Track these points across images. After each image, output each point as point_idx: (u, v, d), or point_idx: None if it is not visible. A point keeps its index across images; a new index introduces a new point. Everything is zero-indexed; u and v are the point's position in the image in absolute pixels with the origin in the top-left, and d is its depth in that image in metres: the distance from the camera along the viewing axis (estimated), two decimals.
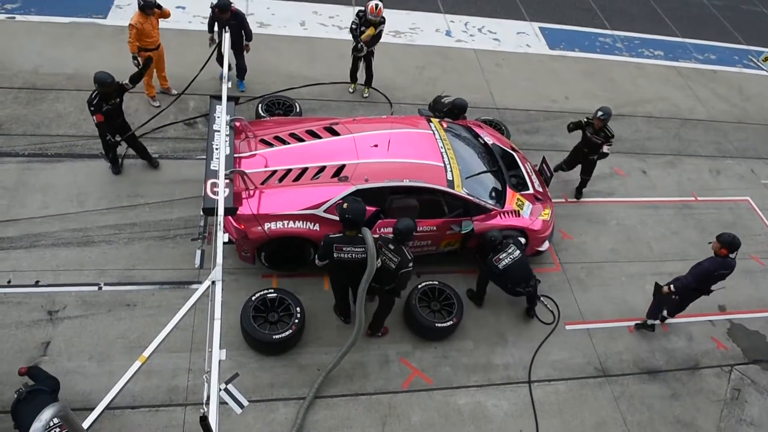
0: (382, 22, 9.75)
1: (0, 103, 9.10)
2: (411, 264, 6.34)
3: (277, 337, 6.64)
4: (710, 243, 7.26)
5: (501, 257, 7.23)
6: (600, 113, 8.62)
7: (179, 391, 6.44)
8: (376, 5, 9.50)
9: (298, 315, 6.79)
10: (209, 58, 8.77)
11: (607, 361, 7.71)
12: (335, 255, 6.30)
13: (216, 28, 9.20)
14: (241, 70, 10.06)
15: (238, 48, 9.59)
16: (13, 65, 9.77)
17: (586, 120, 8.94)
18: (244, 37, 9.54)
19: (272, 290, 6.96)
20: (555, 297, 8.20)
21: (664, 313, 7.96)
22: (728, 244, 6.94)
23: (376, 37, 9.87)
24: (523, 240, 7.86)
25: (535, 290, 7.60)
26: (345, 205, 6.20)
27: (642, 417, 7.23)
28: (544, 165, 8.87)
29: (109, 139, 7.79)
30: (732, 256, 7.02)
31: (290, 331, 6.68)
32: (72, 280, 7.18)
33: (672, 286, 7.36)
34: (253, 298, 6.81)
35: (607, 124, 8.73)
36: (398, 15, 13.08)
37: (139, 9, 8.51)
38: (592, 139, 8.91)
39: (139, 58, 8.86)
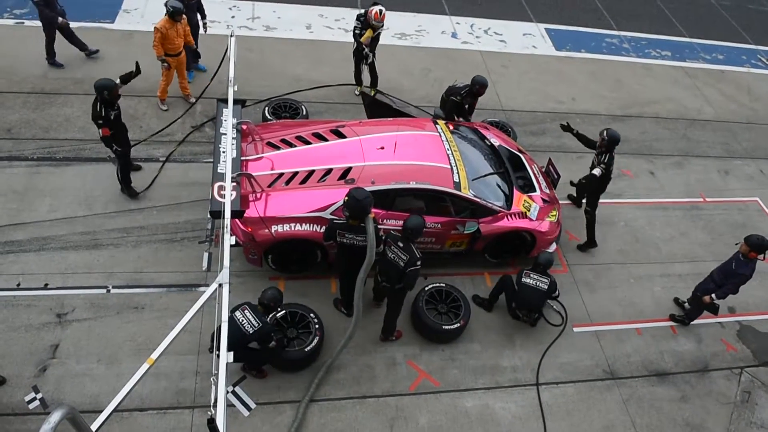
0: (382, 26, 9.75)
1: (9, 107, 9.19)
2: (419, 263, 6.34)
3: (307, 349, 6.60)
4: (737, 244, 7.35)
5: (531, 275, 7.23)
6: (604, 133, 8.08)
7: (187, 393, 6.46)
8: (380, 11, 9.49)
9: (317, 325, 6.75)
10: (220, 64, 8.82)
11: (615, 363, 7.67)
12: (337, 239, 6.46)
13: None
14: (195, 53, 10.13)
15: (195, 31, 9.74)
16: (22, 70, 9.85)
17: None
18: (200, 18, 9.81)
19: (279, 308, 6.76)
20: (563, 299, 8.13)
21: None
22: (757, 246, 7.06)
23: (376, 40, 9.87)
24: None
25: (533, 323, 7.61)
26: (351, 200, 6.21)
27: (651, 420, 7.18)
28: (550, 166, 8.84)
29: (115, 150, 7.70)
30: (761, 258, 7.13)
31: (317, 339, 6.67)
32: (80, 283, 7.22)
33: (714, 296, 7.52)
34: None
35: (611, 150, 8.05)
36: (404, 17, 13.10)
37: (168, 15, 8.61)
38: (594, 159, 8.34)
39: (167, 62, 8.97)
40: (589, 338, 7.88)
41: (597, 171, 8.07)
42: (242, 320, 5.91)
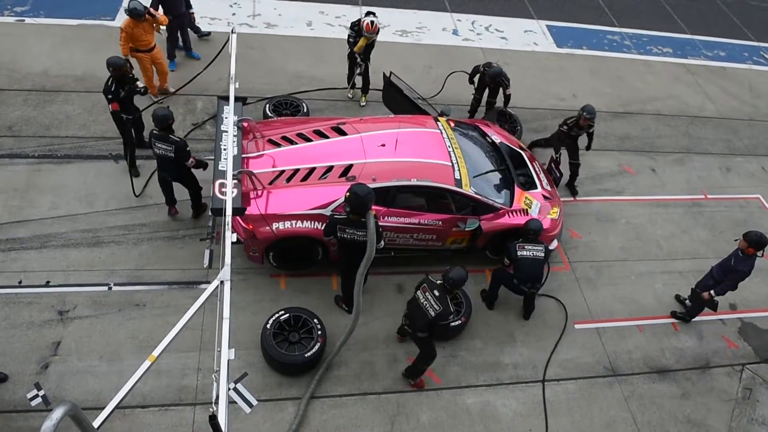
0: (376, 35, 9.57)
1: (10, 105, 9.19)
2: (451, 318, 6.12)
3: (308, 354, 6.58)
4: (736, 240, 7.36)
5: (526, 246, 7.19)
6: (585, 113, 8.57)
7: (189, 390, 6.48)
8: (371, 22, 9.28)
9: (319, 331, 6.72)
10: (214, 58, 8.81)
11: (616, 360, 7.67)
12: (338, 234, 6.44)
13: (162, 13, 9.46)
14: (186, 42, 10.38)
15: (183, 21, 10.04)
16: (23, 67, 9.84)
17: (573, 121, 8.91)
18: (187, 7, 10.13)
19: (284, 311, 6.82)
20: (564, 296, 8.16)
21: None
22: (755, 243, 7.06)
23: (370, 47, 9.74)
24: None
25: (534, 296, 7.56)
26: (353, 195, 6.20)
27: (652, 416, 7.18)
28: (552, 164, 8.82)
29: (125, 118, 7.87)
30: (759, 254, 7.12)
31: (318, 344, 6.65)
32: (82, 281, 7.23)
33: (713, 292, 7.53)
34: (268, 325, 6.67)
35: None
36: (405, 14, 13.08)
37: (129, 15, 8.57)
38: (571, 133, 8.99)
39: (131, 60, 8.92)
40: (590, 335, 7.88)
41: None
42: (160, 152, 7.08)
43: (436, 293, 6.09)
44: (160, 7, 9.55)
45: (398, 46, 12.01)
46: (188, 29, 10.43)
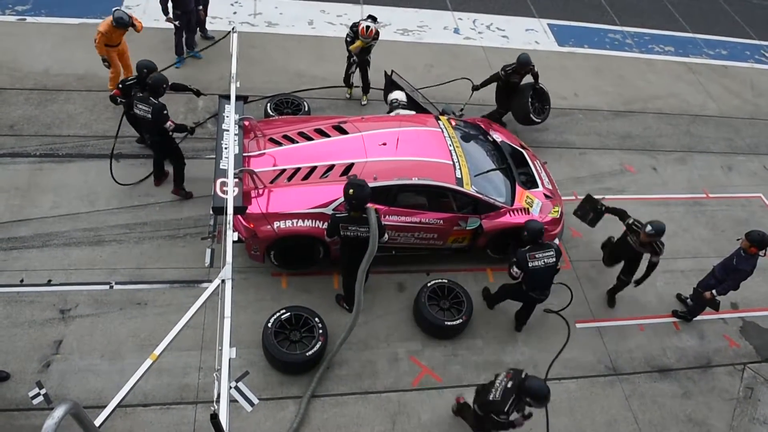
0: (375, 38, 9.49)
1: (12, 104, 9.19)
2: (502, 418, 5.48)
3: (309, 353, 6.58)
4: (738, 239, 7.33)
5: (537, 256, 6.69)
6: (648, 229, 7.03)
7: (190, 389, 6.48)
8: (367, 27, 9.22)
9: (320, 330, 6.72)
10: (209, 46, 8.81)
11: (618, 359, 7.67)
12: (341, 232, 6.44)
13: (171, 8, 9.55)
14: (191, 40, 10.46)
15: (191, 18, 10.07)
16: (24, 66, 9.85)
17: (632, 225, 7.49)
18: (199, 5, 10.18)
19: (285, 310, 6.83)
20: (565, 295, 8.13)
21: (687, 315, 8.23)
22: (758, 242, 7.04)
23: (367, 50, 9.69)
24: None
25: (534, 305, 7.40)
26: (350, 191, 6.20)
27: (653, 416, 7.18)
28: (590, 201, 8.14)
29: (120, 101, 7.89)
30: (761, 254, 7.11)
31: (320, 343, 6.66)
32: (83, 279, 7.24)
33: (715, 291, 7.51)
34: (269, 324, 6.67)
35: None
36: (406, 13, 13.07)
37: (114, 24, 8.51)
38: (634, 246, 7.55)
39: (108, 62, 8.97)
40: (591, 334, 7.87)
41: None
42: (140, 113, 7.29)
43: (509, 385, 5.56)
44: (169, 2, 9.60)
45: (399, 45, 12.01)
46: (196, 28, 10.43)
